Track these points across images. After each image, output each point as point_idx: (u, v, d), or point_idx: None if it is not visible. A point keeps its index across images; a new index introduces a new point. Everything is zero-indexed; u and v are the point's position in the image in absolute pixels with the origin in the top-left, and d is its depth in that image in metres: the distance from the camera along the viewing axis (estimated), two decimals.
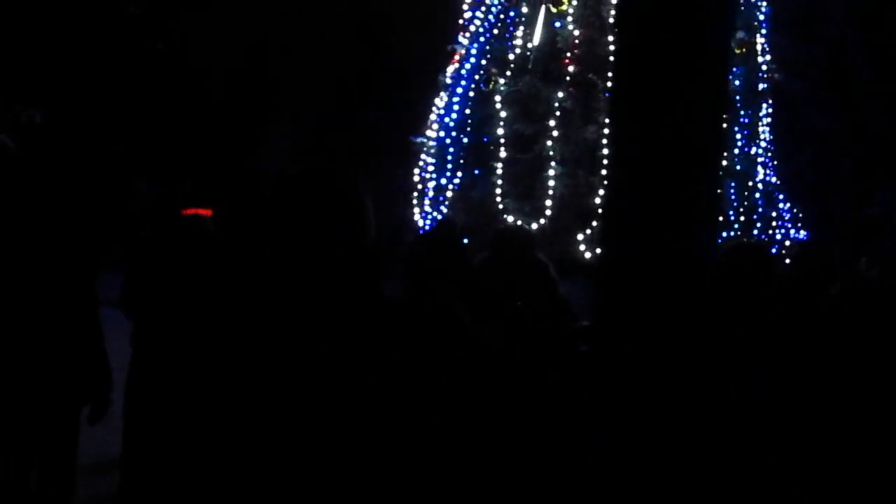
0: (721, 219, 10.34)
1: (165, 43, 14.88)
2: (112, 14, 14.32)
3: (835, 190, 14.13)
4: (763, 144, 10.82)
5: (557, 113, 10.31)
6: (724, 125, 9.64)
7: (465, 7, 11.70)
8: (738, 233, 10.48)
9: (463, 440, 2.59)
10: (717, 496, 2.56)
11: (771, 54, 10.79)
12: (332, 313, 2.10)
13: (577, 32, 10.45)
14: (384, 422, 1.99)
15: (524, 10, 10.85)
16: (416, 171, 11.61)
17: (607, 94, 10.26)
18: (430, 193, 11.30)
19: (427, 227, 10.78)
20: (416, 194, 11.63)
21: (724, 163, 10.43)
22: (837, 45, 14.74)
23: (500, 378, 3.01)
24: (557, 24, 10.76)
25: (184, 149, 15.09)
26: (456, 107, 11.22)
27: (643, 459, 2.34)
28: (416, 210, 11.48)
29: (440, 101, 11.58)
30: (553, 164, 10.28)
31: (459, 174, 11.11)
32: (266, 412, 1.98)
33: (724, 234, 10.29)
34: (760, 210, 10.70)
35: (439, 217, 10.93)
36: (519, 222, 10.41)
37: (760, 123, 10.87)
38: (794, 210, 11.10)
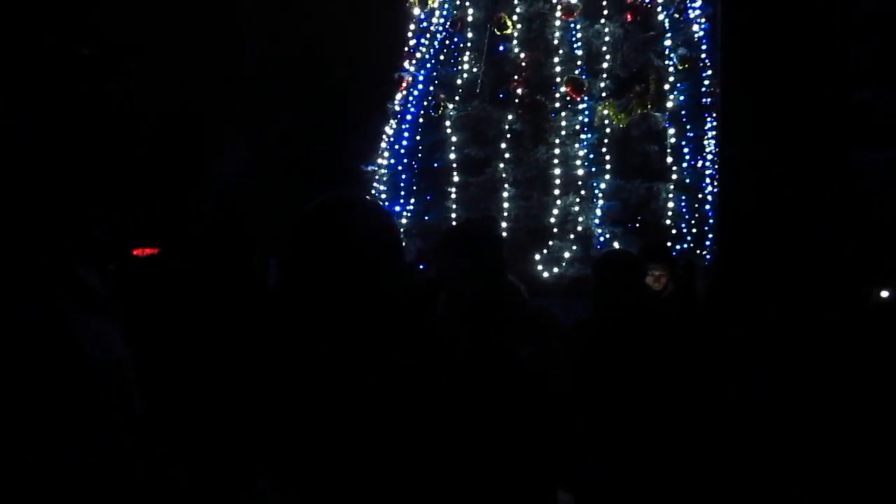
0: (674, 231, 10.53)
1: (116, 83, 14.73)
2: (64, 55, 14.14)
3: None
4: (710, 157, 11.03)
5: (508, 136, 10.40)
6: (676, 141, 9.62)
7: (409, 35, 11.79)
8: (691, 244, 10.65)
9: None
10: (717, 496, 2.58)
11: (712, 69, 11.03)
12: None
13: (522, 55, 10.57)
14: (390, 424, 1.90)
15: (469, 35, 10.95)
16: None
17: (553, 115, 10.42)
18: None
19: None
20: None
21: (675, 177, 10.64)
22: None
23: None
24: (501, 48, 10.90)
25: (127, 188, 14.92)
26: (406, 133, 11.26)
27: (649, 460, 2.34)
28: None
29: (390, 128, 11.62)
30: (506, 185, 10.35)
31: (413, 200, 11.14)
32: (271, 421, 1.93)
33: (678, 247, 10.45)
34: (711, 220, 10.88)
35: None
36: None
37: (706, 136, 11.09)
38: None
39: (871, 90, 10.07)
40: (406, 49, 11.76)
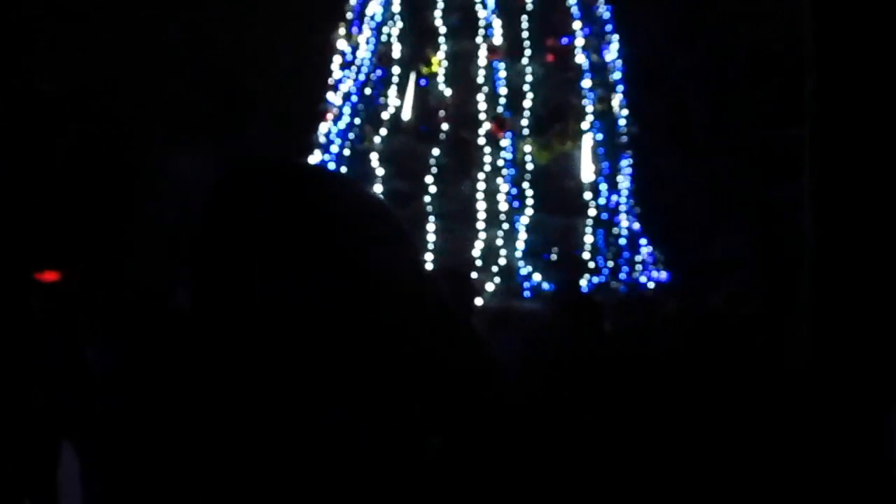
0: (592, 266, 10.92)
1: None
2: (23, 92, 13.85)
3: (683, 233, 15.07)
4: (625, 193, 11.49)
5: (433, 169, 10.63)
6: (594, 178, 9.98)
7: (332, 68, 11.92)
8: (607, 278, 11.05)
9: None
10: None
11: (628, 108, 11.52)
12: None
13: (448, 92, 10.84)
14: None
15: (395, 69, 11.17)
16: None
17: (477, 152, 10.71)
18: None
19: None
20: None
21: (592, 212, 11.04)
22: (681, 97, 15.85)
23: None
24: (423, 82, 11.15)
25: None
26: (331, 164, 11.37)
27: None
28: None
29: (313, 159, 11.71)
30: (431, 219, 10.57)
31: None
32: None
33: (595, 280, 10.84)
34: (626, 255, 11.31)
35: None
36: None
37: (620, 173, 11.54)
38: (655, 253, 11.79)
39: None
40: (330, 81, 11.89)
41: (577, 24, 11.15)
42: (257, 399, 1.27)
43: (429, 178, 10.63)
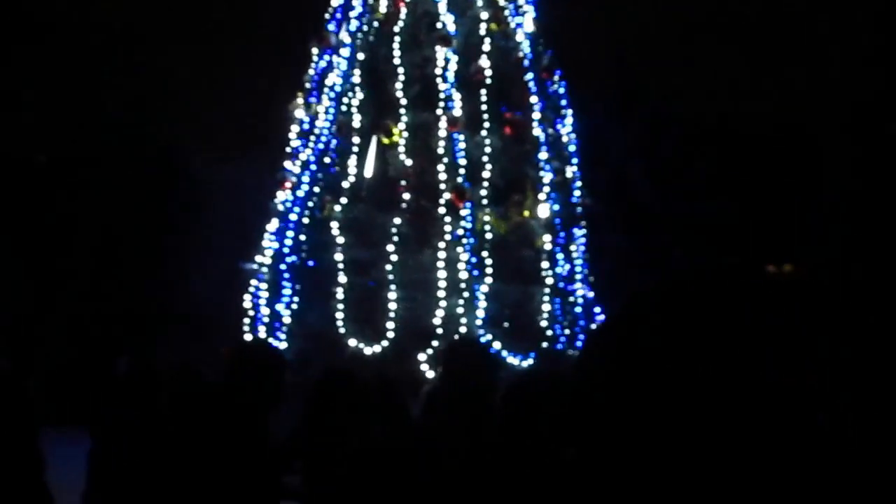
0: (549, 333, 11.09)
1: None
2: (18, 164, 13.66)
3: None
4: (579, 262, 11.75)
5: (395, 238, 10.72)
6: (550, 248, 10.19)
7: (291, 136, 12.00)
8: (564, 346, 11.22)
9: None
10: None
11: (581, 181, 11.85)
12: None
13: (409, 162, 11.01)
14: None
15: (355, 139, 11.30)
16: (248, 296, 11.58)
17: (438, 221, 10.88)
18: (265, 319, 11.29)
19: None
20: (247, 320, 11.57)
21: (549, 280, 11.24)
22: (622, 170, 16.37)
23: None
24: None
25: None
26: (290, 233, 11.37)
27: None
28: (248, 336, 11.42)
29: (271, 226, 11.69)
30: (392, 287, 10.63)
31: (296, 300, 11.20)
32: None
33: (552, 348, 11.00)
34: (581, 323, 11.52)
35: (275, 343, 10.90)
36: (360, 345, 10.64)
37: (575, 244, 11.81)
38: None
39: None
40: (288, 150, 11.95)
41: (533, 99, 11.49)
42: None
43: (390, 247, 10.72)
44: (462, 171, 10.99)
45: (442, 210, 10.84)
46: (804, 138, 18.22)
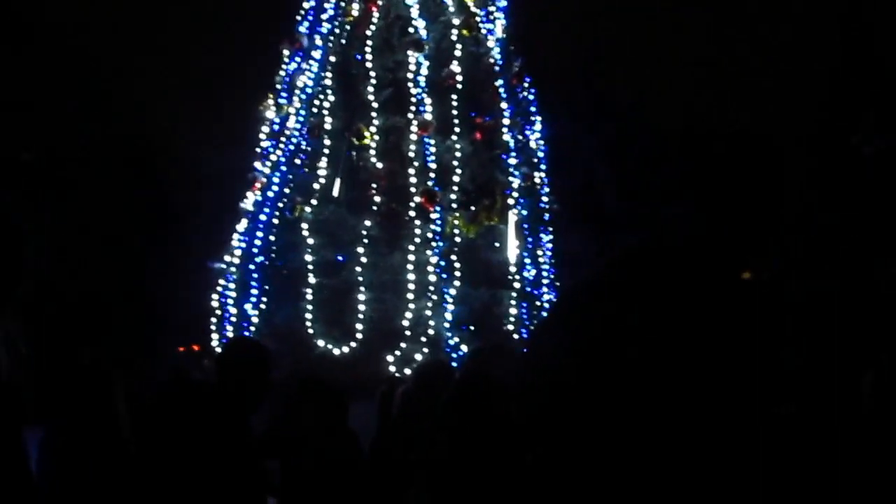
0: (516, 336, 11.21)
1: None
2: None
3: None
4: (546, 267, 11.89)
5: (364, 240, 10.79)
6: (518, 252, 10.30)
7: (261, 137, 12.02)
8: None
9: None
10: None
11: (549, 187, 12.00)
12: None
13: (380, 165, 11.09)
14: None
15: (326, 142, 11.36)
16: (215, 296, 11.58)
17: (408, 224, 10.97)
18: (233, 319, 11.30)
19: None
20: (214, 320, 11.58)
21: (517, 284, 11.36)
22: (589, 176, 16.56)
23: None
24: (350, 153, 11.38)
25: None
26: (259, 233, 11.39)
27: None
28: (216, 336, 11.43)
29: (241, 226, 11.70)
30: (361, 289, 10.70)
31: (265, 300, 11.22)
32: None
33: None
34: None
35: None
36: (329, 346, 10.70)
37: (542, 249, 11.96)
38: None
39: None
40: (258, 150, 11.97)
41: (503, 105, 11.62)
42: None
43: (360, 249, 10.79)
44: (432, 174, 11.09)
45: (412, 213, 10.93)
46: (768, 149, 18.55)
